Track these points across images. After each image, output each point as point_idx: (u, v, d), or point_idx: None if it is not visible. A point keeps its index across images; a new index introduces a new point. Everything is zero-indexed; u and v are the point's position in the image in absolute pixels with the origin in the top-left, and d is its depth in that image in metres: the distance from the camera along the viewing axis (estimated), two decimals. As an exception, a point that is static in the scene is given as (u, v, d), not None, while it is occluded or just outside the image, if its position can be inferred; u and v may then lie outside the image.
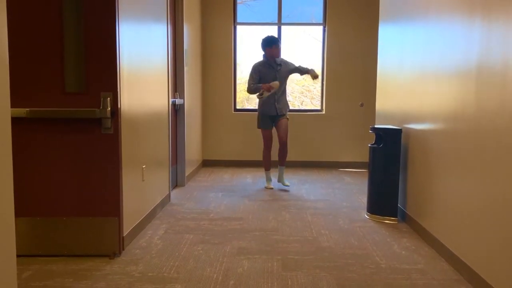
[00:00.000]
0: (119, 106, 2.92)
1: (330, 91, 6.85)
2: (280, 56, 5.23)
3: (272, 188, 5.27)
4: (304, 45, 7.13)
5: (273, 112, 5.17)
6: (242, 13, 6.97)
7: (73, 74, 2.89)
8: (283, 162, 5.29)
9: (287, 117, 5.27)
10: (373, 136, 4.12)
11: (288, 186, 5.25)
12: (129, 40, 3.17)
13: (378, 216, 3.95)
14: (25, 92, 2.87)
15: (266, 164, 5.39)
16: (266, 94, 5.01)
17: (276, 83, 4.98)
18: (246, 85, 5.22)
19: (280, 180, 5.32)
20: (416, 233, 3.58)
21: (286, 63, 5.25)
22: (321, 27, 6.88)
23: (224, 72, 6.90)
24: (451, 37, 3.01)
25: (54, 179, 2.95)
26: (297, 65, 5.28)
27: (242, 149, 6.94)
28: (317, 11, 6.88)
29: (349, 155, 6.87)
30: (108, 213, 2.98)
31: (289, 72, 5.25)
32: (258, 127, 5.32)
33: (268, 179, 5.39)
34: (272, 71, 5.14)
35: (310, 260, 2.99)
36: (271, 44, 5.12)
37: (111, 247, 2.99)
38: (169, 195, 4.54)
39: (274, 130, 5.29)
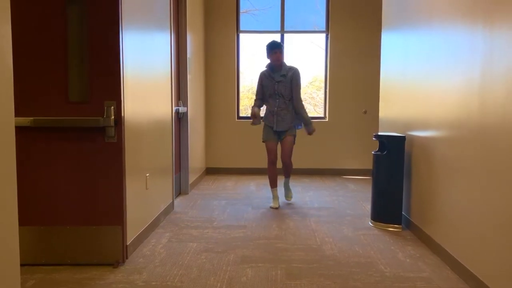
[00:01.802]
0: (122, 114, 2.93)
1: (333, 99, 6.86)
2: (279, 63, 4.58)
3: (277, 208, 4.67)
4: (307, 53, 7.15)
5: (271, 123, 4.65)
6: (245, 21, 7.00)
7: (77, 83, 2.91)
8: (287, 174, 4.89)
9: (294, 133, 4.71)
10: (377, 144, 4.11)
11: (290, 201, 4.91)
12: (132, 49, 3.18)
13: (382, 224, 3.93)
14: (29, 102, 2.88)
15: (271, 180, 4.79)
16: (256, 121, 4.68)
17: (255, 110, 4.62)
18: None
19: (285, 192, 4.95)
20: (420, 241, 3.56)
21: (293, 75, 4.57)
22: (323, 35, 6.90)
23: (227, 80, 6.92)
24: (454, 44, 3.01)
25: (58, 187, 2.95)
26: (299, 93, 4.62)
27: (246, 156, 6.94)
28: (320, 19, 6.90)
29: (353, 162, 6.86)
30: (111, 221, 2.97)
31: (291, 89, 4.61)
32: (263, 141, 4.78)
33: (274, 198, 4.76)
34: (271, 82, 4.61)
35: (314, 269, 2.98)
36: (268, 50, 4.60)
37: (115, 256, 2.99)
38: (172, 203, 4.53)
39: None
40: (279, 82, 4.60)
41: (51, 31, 2.88)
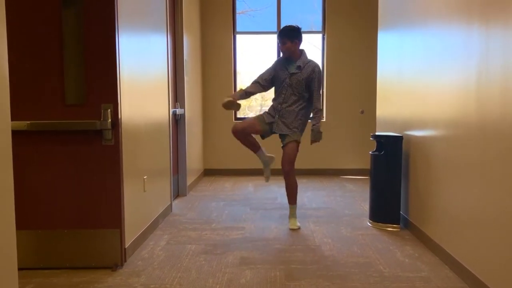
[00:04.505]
0: (119, 117, 2.92)
1: (331, 99, 6.86)
2: (289, 55, 3.89)
3: (268, 177, 4.21)
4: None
5: (270, 120, 3.99)
6: (241, 22, 7.00)
7: (74, 86, 2.90)
8: (291, 200, 4.02)
9: (298, 139, 3.99)
10: (374, 143, 4.11)
11: (297, 229, 3.90)
12: (129, 51, 3.18)
13: (381, 224, 3.93)
14: (25, 105, 2.87)
15: (249, 144, 4.07)
16: (229, 105, 3.82)
17: (229, 101, 3.77)
18: None
19: (290, 221, 4.00)
20: (419, 240, 3.56)
21: (314, 72, 3.84)
22: (320, 35, 6.90)
23: (225, 81, 6.92)
24: (450, 43, 3.02)
25: (55, 191, 2.94)
26: (317, 99, 3.92)
27: (243, 157, 6.90)
28: (317, 19, 6.91)
29: (351, 162, 6.86)
30: (109, 224, 2.96)
31: (306, 86, 3.87)
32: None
33: (264, 164, 4.18)
34: (283, 73, 3.89)
35: (313, 269, 2.97)
36: (278, 39, 3.95)
37: (113, 259, 2.98)
38: (170, 205, 4.52)
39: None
40: (293, 74, 3.86)
41: (47, 34, 2.87)
